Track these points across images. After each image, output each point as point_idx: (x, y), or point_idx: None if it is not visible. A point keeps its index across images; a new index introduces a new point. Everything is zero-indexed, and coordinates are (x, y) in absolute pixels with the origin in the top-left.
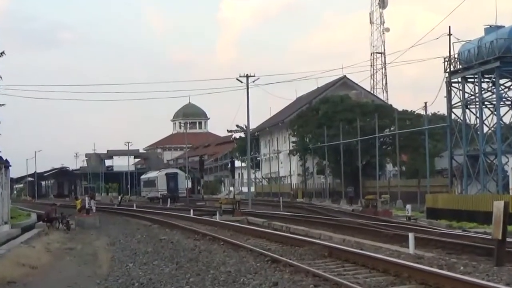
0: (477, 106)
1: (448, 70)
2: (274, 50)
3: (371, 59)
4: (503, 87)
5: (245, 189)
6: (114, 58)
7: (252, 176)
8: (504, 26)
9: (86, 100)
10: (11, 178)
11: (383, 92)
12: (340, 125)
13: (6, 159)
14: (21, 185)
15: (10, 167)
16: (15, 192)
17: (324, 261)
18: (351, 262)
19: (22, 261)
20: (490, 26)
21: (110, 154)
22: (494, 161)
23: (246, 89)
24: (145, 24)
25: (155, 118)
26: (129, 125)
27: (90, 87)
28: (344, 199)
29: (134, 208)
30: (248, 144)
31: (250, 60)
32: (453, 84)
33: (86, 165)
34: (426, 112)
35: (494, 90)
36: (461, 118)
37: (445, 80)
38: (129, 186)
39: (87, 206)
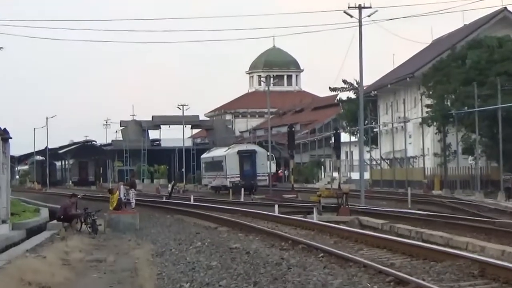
0: None
1: None
2: None
3: None
4: None
5: (355, 176)
6: None
7: (367, 156)
8: None
9: (119, 42)
10: (12, 157)
11: None
12: (497, 81)
13: (4, 129)
14: (25, 167)
15: (10, 140)
16: (17, 176)
17: (473, 283)
18: None
19: (27, 277)
20: None
21: (157, 123)
22: None
23: (358, 27)
24: None
25: (222, 70)
26: (183, 81)
27: (124, 23)
28: (503, 192)
29: (191, 202)
30: (360, 108)
31: None
32: None
33: (121, 139)
34: None
35: None
36: None
37: None
38: (183, 169)
39: (122, 197)
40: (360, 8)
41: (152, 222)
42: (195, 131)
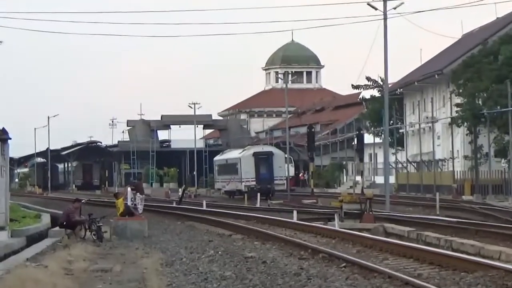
0: None
1: None
2: None
3: None
4: None
5: (380, 180)
6: None
7: (392, 158)
8: None
9: (125, 36)
10: (11, 159)
11: None
12: None
13: (3, 128)
14: (26, 170)
15: (9, 141)
16: (16, 180)
17: None
18: None
19: None
20: None
21: (166, 122)
22: None
23: (383, 21)
24: None
25: (237, 66)
26: (195, 78)
27: (131, 15)
28: None
29: (204, 207)
30: (385, 107)
31: None
32: None
33: (128, 139)
34: None
35: None
36: None
37: None
38: (195, 172)
39: (129, 202)
40: (385, 0)
41: (161, 229)
42: (208, 131)
